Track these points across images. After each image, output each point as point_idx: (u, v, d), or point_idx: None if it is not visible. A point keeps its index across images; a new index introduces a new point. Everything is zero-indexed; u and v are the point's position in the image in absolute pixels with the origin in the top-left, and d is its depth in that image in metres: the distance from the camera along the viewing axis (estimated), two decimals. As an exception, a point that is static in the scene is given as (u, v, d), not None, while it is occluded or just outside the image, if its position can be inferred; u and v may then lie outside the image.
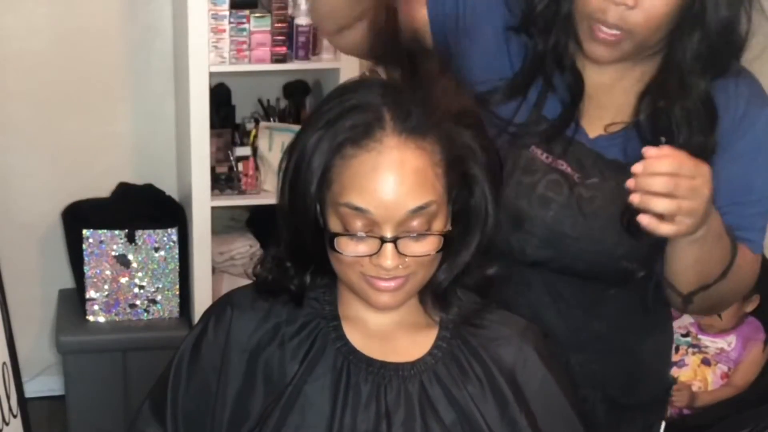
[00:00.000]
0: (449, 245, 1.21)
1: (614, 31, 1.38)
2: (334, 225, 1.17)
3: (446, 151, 1.17)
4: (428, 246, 1.18)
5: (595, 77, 1.50)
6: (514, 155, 1.48)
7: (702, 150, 1.40)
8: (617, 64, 1.47)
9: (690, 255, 1.35)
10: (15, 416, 2.70)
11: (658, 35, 1.41)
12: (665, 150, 1.24)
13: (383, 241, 1.15)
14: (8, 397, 2.65)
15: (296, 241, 1.23)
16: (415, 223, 1.16)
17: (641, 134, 1.45)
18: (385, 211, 1.14)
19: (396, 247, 1.16)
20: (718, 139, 1.42)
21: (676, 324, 2.91)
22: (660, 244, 1.40)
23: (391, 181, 1.14)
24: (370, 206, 1.14)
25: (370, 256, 1.17)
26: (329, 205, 1.18)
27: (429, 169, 1.16)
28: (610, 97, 1.50)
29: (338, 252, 1.17)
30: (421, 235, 1.17)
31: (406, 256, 1.17)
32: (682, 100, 1.42)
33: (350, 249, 1.17)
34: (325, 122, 1.17)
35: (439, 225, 1.18)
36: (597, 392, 1.56)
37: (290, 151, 1.21)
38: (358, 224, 1.16)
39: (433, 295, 1.27)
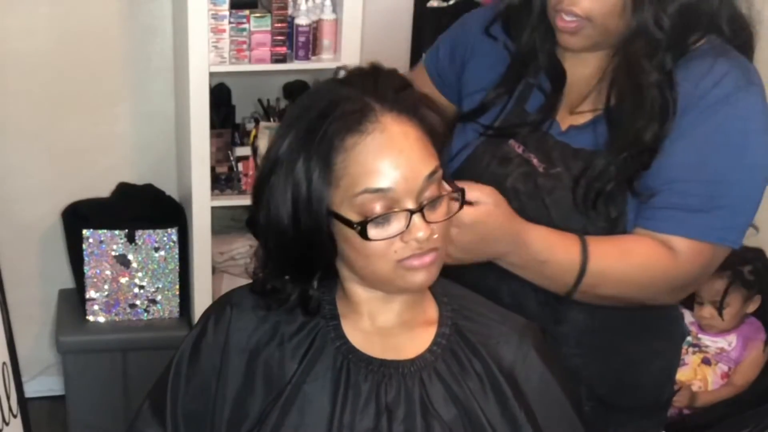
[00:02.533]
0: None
1: (572, 19, 1.44)
2: (355, 218, 1.16)
3: (425, 122, 1.19)
4: (447, 208, 1.20)
5: (574, 71, 1.53)
6: (493, 148, 1.56)
7: (655, 137, 1.42)
8: (594, 55, 1.50)
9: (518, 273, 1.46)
10: (15, 416, 2.70)
11: (617, 20, 1.43)
12: None
13: (411, 213, 1.15)
14: (8, 397, 2.65)
15: (304, 257, 1.23)
16: (429, 190, 1.17)
17: (610, 120, 1.47)
18: (405, 184, 1.15)
19: (423, 216, 1.16)
20: (678, 120, 1.42)
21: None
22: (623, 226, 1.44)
23: (402, 153, 1.15)
24: (390, 183, 1.14)
25: (401, 234, 1.16)
26: (342, 202, 1.16)
27: (425, 137, 1.18)
28: (583, 90, 1.53)
29: (373, 240, 1.16)
30: (436, 201, 1.18)
31: (433, 223, 1.17)
32: (634, 81, 1.44)
33: (380, 234, 1.16)
34: (306, 139, 1.16)
35: (444, 188, 1.20)
36: (581, 388, 1.56)
37: (275, 178, 1.18)
38: (377, 208, 1.15)
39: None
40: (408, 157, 1.15)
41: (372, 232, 1.16)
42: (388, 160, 1.14)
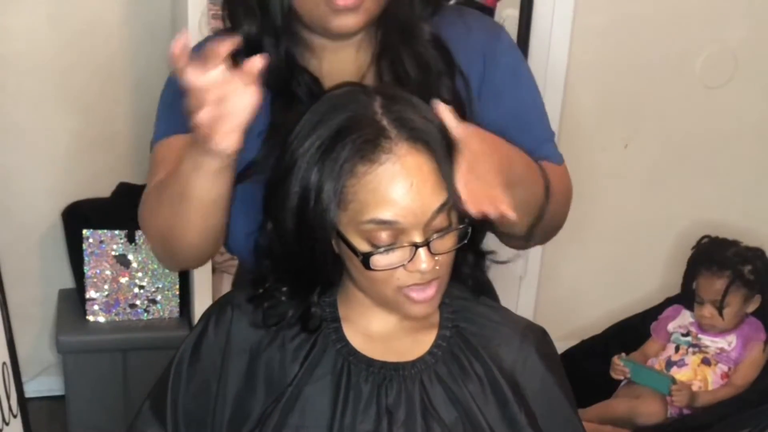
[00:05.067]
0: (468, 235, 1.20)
1: None
2: (359, 244, 1.16)
3: (444, 144, 1.16)
4: (453, 240, 1.19)
5: (334, 72, 1.41)
6: None
7: (453, 92, 1.36)
8: (347, 47, 1.41)
9: (516, 197, 1.26)
10: (15, 416, 2.69)
11: None
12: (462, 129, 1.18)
13: (416, 246, 1.15)
14: (8, 397, 2.65)
15: (304, 270, 1.23)
16: (438, 221, 1.16)
17: None
18: (413, 218, 1.14)
19: (429, 248, 1.16)
20: (472, 85, 1.40)
21: (676, 324, 2.92)
22: None
23: (414, 187, 1.13)
24: (398, 217, 1.14)
25: (404, 265, 1.16)
26: (348, 226, 1.16)
27: (440, 166, 1.15)
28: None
29: (375, 270, 1.16)
30: (444, 232, 1.17)
31: (438, 255, 1.17)
32: (411, 46, 1.38)
33: (384, 263, 1.16)
34: (320, 151, 1.14)
35: (454, 217, 1.19)
36: None
37: (284, 187, 1.17)
38: (383, 237, 1.15)
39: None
40: (419, 191, 1.13)
41: (375, 260, 1.16)
42: (398, 192, 1.13)
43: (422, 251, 1.15)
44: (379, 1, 1.34)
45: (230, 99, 1.14)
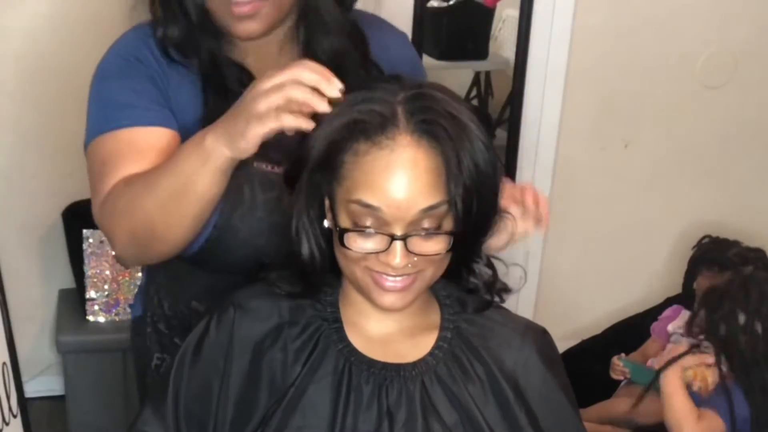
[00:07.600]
0: (460, 245, 1.19)
1: (246, 1, 1.38)
2: (344, 221, 1.17)
3: (461, 149, 1.15)
4: (438, 245, 1.18)
5: (261, 64, 1.46)
6: (246, 178, 1.41)
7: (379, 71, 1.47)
8: (268, 42, 1.47)
9: None
10: (15, 416, 2.69)
11: None
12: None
13: (393, 238, 1.15)
14: (8, 397, 2.65)
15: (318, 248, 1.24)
16: (426, 222, 1.16)
17: None
18: (396, 210, 1.14)
19: (406, 245, 1.15)
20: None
21: (676, 324, 2.92)
22: None
23: (404, 180, 1.13)
24: (382, 204, 1.14)
25: (378, 253, 1.16)
26: (340, 202, 1.17)
27: (442, 168, 1.14)
28: None
29: (347, 247, 1.17)
30: (431, 234, 1.17)
31: (415, 254, 1.16)
32: (332, 35, 1.45)
33: (359, 245, 1.17)
34: (338, 125, 1.17)
35: (449, 224, 1.18)
36: None
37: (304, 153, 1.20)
38: (367, 221, 1.15)
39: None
40: (408, 186, 1.13)
41: (351, 237, 1.16)
42: (387, 182, 1.13)
43: (398, 245, 1.15)
44: (278, 6, 1.41)
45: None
